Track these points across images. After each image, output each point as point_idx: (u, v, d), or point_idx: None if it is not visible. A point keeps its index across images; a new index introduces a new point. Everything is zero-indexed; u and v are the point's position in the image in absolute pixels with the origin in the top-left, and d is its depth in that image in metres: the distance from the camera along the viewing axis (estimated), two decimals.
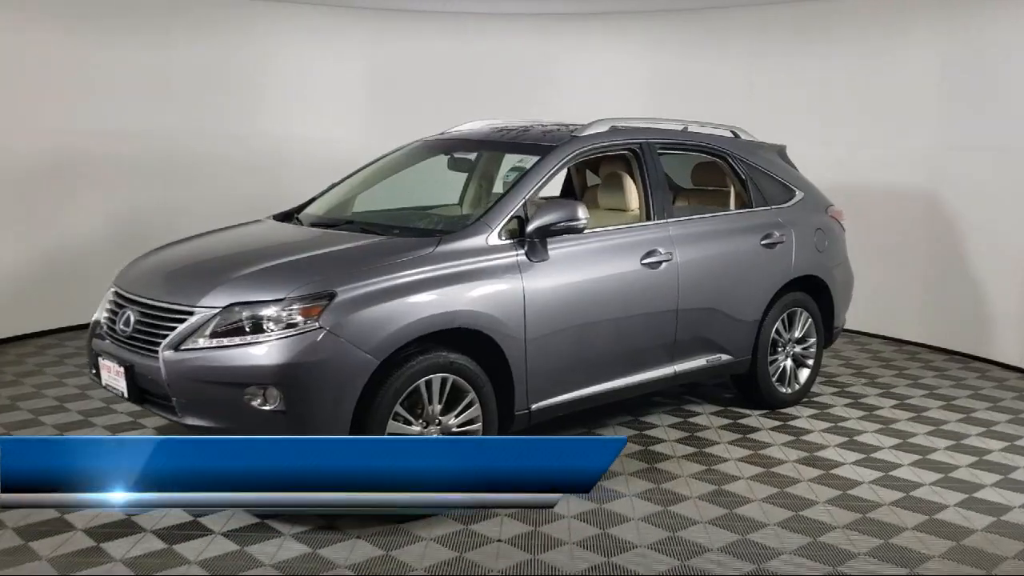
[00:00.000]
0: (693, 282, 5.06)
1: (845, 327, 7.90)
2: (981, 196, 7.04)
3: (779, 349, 5.72)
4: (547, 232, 4.34)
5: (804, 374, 5.89)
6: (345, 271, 3.97)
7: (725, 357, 5.37)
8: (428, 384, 3.97)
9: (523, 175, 4.59)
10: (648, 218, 5.04)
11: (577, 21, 8.72)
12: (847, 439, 5.23)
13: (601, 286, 4.63)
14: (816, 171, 6.65)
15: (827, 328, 6.02)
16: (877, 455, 4.99)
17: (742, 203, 5.66)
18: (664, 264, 4.91)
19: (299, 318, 3.75)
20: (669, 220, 5.07)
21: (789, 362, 5.79)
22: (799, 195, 5.88)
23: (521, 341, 4.24)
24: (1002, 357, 6.97)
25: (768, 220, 5.61)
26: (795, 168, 6.08)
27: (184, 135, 7.77)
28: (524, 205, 4.42)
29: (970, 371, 6.82)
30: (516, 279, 4.25)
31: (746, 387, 5.70)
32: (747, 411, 5.71)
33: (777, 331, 5.65)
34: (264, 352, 3.69)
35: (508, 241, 4.34)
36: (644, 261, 4.83)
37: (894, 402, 5.98)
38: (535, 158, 4.71)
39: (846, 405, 5.90)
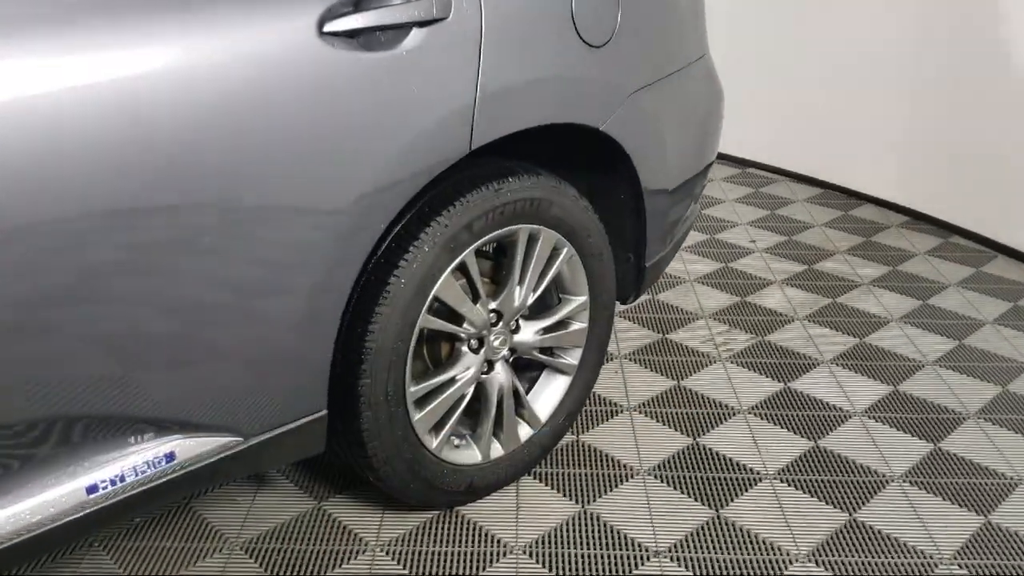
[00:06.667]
0: None
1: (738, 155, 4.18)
2: None
3: (463, 354, 1.90)
4: None
5: (553, 396, 2.11)
6: None
7: (195, 443, 1.50)
8: None
9: None
10: None
11: None
12: None
13: None
14: None
15: (632, 262, 2.18)
16: None
17: None
18: None
19: None
20: None
21: (504, 378, 1.99)
22: None
23: None
24: None
25: None
26: None
27: None
28: None
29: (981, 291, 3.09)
30: None
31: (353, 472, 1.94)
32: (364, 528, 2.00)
33: (440, 309, 1.81)
34: None
35: None
36: None
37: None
38: None
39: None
